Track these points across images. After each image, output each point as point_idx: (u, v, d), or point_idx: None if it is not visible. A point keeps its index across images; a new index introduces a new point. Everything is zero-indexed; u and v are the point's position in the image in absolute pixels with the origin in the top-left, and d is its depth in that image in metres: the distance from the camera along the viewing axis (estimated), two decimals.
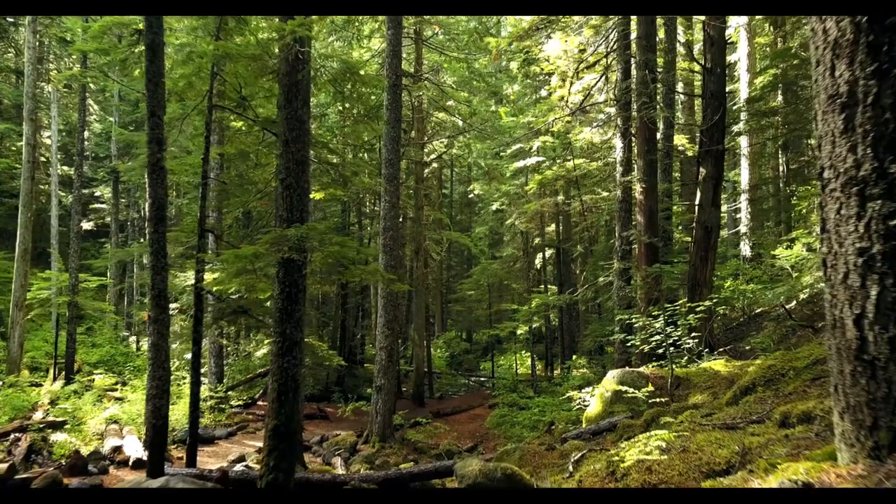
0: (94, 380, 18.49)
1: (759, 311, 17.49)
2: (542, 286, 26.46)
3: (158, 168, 7.88)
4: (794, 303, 15.75)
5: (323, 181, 10.89)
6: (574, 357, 26.93)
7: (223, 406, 14.17)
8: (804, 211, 19.65)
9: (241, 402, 16.48)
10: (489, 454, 14.41)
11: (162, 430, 7.65)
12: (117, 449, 10.75)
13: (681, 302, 7.91)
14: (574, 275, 26.71)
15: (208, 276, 8.83)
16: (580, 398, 9.25)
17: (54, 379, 18.66)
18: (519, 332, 25.83)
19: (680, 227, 19.15)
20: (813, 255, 8.24)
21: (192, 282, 9.02)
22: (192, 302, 9.23)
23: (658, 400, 7.66)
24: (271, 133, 8.60)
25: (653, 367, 9.05)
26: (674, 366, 7.86)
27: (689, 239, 18.84)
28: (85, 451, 11.14)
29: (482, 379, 27.45)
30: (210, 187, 10.18)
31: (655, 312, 7.98)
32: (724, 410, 4.69)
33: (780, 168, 22.89)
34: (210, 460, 11.43)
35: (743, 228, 22.41)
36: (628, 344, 9.18)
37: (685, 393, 7.45)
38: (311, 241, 6.14)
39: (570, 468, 4.42)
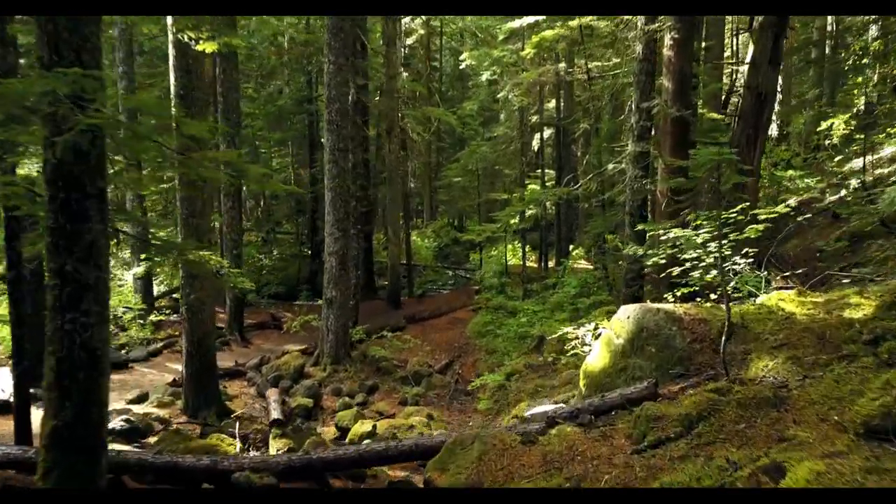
0: None
1: (794, 200, 14.72)
2: (539, 171, 23.43)
3: None
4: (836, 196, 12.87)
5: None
6: (571, 249, 24.47)
7: (143, 321, 11.70)
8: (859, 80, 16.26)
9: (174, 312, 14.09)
10: (465, 377, 12.22)
11: None
12: None
13: (740, 206, 5.06)
14: (575, 157, 23.55)
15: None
16: (577, 338, 6.66)
17: None
18: (512, 221, 23.00)
19: (701, 101, 15.86)
20: None
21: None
22: None
23: (698, 356, 5.04)
24: None
25: (679, 294, 6.38)
26: (730, 305, 5.11)
27: (718, 115, 15.62)
28: None
29: (470, 273, 25.16)
30: None
31: (700, 221, 5.16)
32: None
33: (828, 27, 19.07)
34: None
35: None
36: (649, 262, 6.44)
37: (743, 351, 4.80)
38: (82, 111, 3.16)
39: None
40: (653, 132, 9.94)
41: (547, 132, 23.19)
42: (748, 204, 5.19)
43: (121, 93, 12.22)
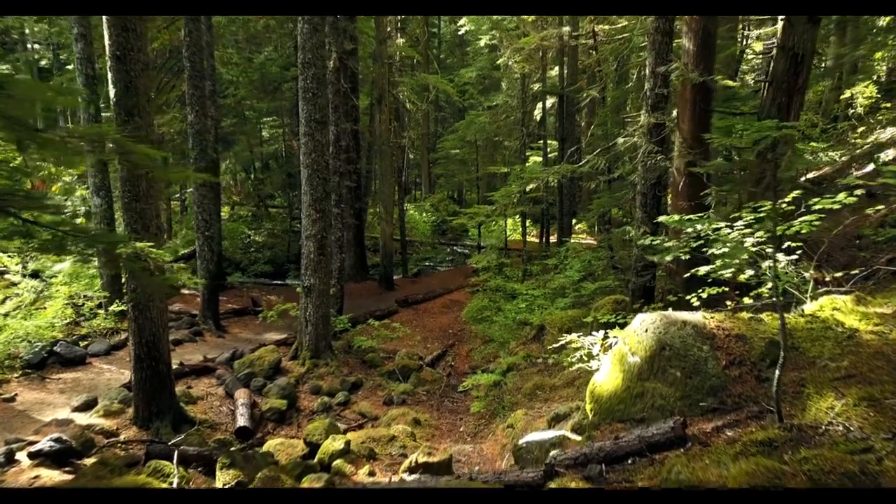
0: None
1: (813, 175, 13.62)
2: (542, 142, 22.20)
3: None
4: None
5: None
6: (574, 223, 23.42)
7: (106, 311, 10.65)
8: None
9: None
10: (459, 370, 11.25)
11: None
12: None
13: (794, 194, 3.99)
14: (579, 128, 22.30)
15: None
16: (582, 348, 5.62)
17: None
18: (514, 195, 21.64)
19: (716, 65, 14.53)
20: None
21: None
22: None
23: (737, 386, 4.03)
24: None
25: (705, 296, 5.33)
26: (785, 324, 4.08)
27: (732, 82, 14.35)
28: None
29: (469, 249, 24.13)
30: None
31: (743, 213, 4.10)
32: None
33: None
34: (53, 399, 8.13)
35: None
36: (668, 257, 5.35)
37: (796, 382, 3.77)
38: None
39: None
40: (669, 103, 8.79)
41: (549, 101, 21.90)
42: (802, 192, 4.11)
43: (76, 56, 11.02)
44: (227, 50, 19.01)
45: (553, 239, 21.16)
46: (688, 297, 5.44)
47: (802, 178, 12.11)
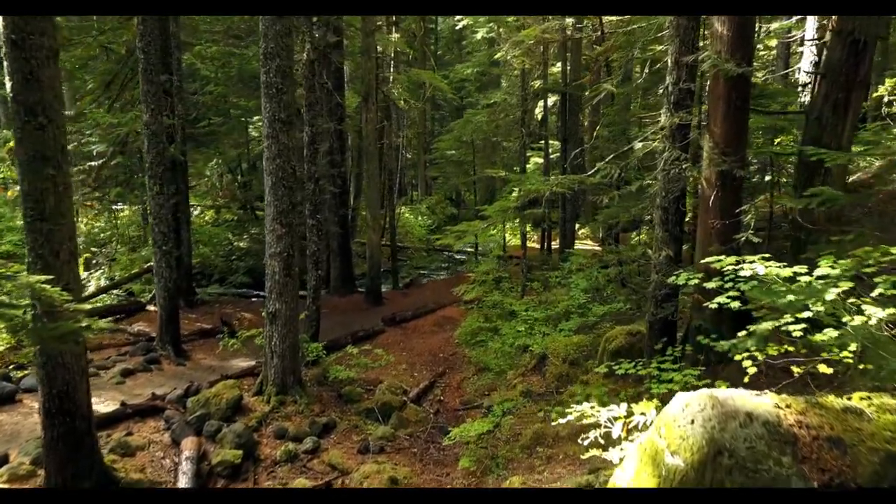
0: None
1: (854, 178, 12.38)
2: (543, 142, 20.87)
3: None
4: None
5: None
6: (577, 227, 22.09)
7: None
8: None
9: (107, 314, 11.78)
10: (449, 405, 9.93)
11: None
12: None
13: None
14: (582, 128, 20.95)
15: None
16: (597, 424, 4.27)
17: None
18: (512, 196, 20.12)
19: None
20: None
21: None
22: None
23: None
24: None
25: (761, 358, 3.99)
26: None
27: (781, 76, 13.01)
28: None
29: (466, 254, 22.79)
30: None
31: (838, 263, 2.80)
32: None
33: None
34: None
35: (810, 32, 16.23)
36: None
37: None
38: None
39: None
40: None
41: (551, 99, 20.56)
42: None
43: None
44: (205, 44, 17.63)
45: (555, 244, 19.84)
46: (738, 357, 4.11)
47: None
